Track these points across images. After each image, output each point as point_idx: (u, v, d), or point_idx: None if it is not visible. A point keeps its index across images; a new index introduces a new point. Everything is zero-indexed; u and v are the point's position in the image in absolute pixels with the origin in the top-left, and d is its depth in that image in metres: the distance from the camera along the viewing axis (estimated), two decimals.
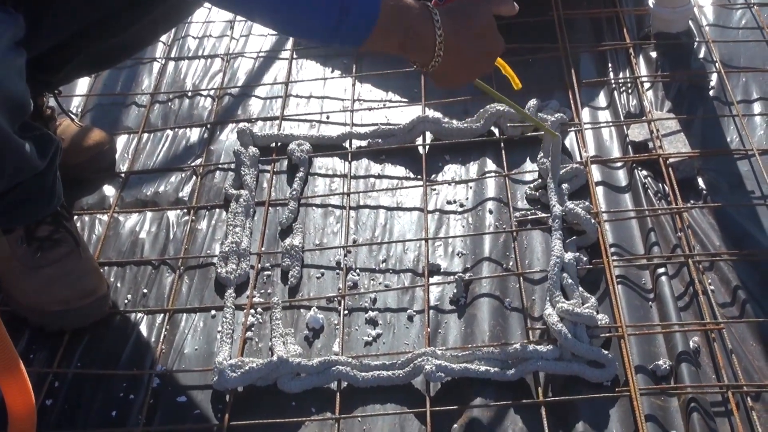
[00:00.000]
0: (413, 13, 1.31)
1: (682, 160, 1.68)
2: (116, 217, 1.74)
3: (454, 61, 1.36)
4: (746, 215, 1.60)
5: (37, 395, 1.39)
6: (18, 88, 1.28)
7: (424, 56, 1.34)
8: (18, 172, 1.36)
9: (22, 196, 1.42)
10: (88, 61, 1.61)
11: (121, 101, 2.06)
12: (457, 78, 1.43)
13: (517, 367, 1.37)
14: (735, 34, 2.04)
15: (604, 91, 1.93)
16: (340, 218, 1.70)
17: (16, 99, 1.28)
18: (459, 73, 1.42)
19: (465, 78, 1.46)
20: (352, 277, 1.58)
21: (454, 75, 1.41)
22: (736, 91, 1.87)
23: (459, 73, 1.41)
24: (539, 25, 2.06)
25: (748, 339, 1.41)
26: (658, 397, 1.33)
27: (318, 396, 1.39)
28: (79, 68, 1.65)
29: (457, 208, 1.69)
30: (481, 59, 1.42)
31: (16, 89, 1.27)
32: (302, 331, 1.50)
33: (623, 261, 1.54)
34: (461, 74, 1.43)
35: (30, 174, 1.39)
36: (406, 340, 1.47)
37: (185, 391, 1.42)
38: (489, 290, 1.53)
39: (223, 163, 1.84)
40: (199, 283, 1.60)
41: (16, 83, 1.27)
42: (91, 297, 1.51)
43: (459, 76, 1.43)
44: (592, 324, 1.39)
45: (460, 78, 1.44)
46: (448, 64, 1.36)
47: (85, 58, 1.57)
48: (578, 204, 1.59)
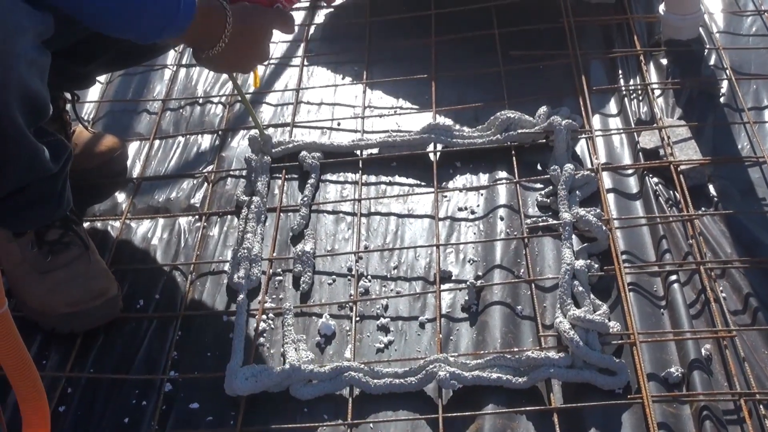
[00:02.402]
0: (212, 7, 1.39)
1: (693, 167, 1.69)
2: (128, 224, 1.75)
3: (231, 55, 1.46)
4: (758, 222, 1.60)
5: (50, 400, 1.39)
6: (38, 88, 1.28)
7: (208, 43, 1.43)
8: (29, 172, 1.37)
9: (32, 198, 1.43)
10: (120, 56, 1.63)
11: (132, 108, 2.07)
12: (225, 67, 1.57)
13: (529, 375, 1.37)
14: (745, 41, 2.04)
15: (614, 97, 1.93)
16: (351, 225, 1.70)
17: (35, 98, 1.28)
18: (228, 65, 1.54)
19: (231, 69, 1.60)
20: (364, 284, 1.58)
21: (224, 65, 1.53)
22: (747, 98, 1.87)
23: (229, 64, 1.54)
24: (550, 32, 2.07)
25: (760, 347, 1.41)
26: (670, 404, 1.33)
27: (330, 402, 1.39)
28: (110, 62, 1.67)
29: (468, 215, 1.70)
30: (250, 60, 1.55)
31: (35, 88, 1.28)
32: (314, 337, 1.50)
33: (635, 268, 1.54)
34: (230, 66, 1.56)
35: (41, 175, 1.39)
36: (418, 347, 1.47)
37: (198, 397, 1.42)
38: (500, 297, 1.53)
39: (234, 170, 1.85)
40: (210, 288, 1.61)
41: (36, 83, 1.28)
42: (101, 298, 1.51)
43: (226, 66, 1.56)
44: (604, 331, 1.39)
45: (227, 68, 1.58)
46: (223, 56, 1.45)
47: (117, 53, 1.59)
48: (589, 211, 1.59)
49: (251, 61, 1.56)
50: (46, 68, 1.30)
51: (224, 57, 1.45)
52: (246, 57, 1.52)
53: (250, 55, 1.52)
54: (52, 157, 1.40)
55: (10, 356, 1.04)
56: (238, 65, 1.56)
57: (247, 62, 1.55)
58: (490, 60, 2.03)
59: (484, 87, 1.98)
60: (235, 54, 1.47)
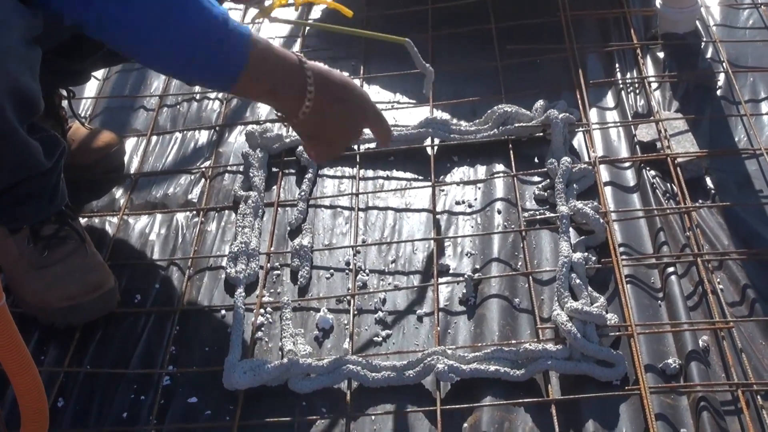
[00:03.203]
0: (285, 60, 1.31)
1: (690, 159, 1.69)
2: (126, 220, 1.75)
3: (322, 118, 1.35)
4: (755, 214, 1.60)
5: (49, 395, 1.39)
6: (28, 84, 1.28)
7: (292, 106, 1.33)
8: (22, 168, 1.36)
9: (26, 194, 1.43)
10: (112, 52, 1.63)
11: (129, 104, 2.07)
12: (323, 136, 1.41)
13: (527, 367, 1.37)
14: (742, 34, 2.05)
15: (611, 91, 1.93)
16: (349, 219, 1.70)
17: (26, 94, 1.28)
18: (327, 131, 1.40)
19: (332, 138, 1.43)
20: (362, 278, 1.58)
21: (323, 131, 1.40)
22: (744, 91, 1.87)
23: (327, 130, 1.40)
24: (547, 27, 2.07)
25: (757, 338, 1.41)
26: (667, 395, 1.33)
27: (328, 396, 1.39)
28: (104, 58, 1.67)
29: (465, 208, 1.70)
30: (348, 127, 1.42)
31: (26, 84, 1.27)
32: (312, 331, 1.50)
33: (632, 260, 1.55)
34: (329, 132, 1.41)
35: (34, 172, 1.39)
36: (416, 341, 1.47)
37: (196, 392, 1.43)
38: (498, 290, 1.53)
39: (231, 165, 1.85)
40: (208, 283, 1.61)
41: (26, 78, 1.27)
42: (98, 291, 1.51)
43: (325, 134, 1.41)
44: (602, 323, 1.39)
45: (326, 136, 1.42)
46: (316, 118, 1.35)
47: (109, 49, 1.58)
48: (587, 204, 1.59)
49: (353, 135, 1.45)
50: (36, 64, 1.29)
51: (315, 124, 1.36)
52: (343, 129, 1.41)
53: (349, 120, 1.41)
54: (45, 153, 1.40)
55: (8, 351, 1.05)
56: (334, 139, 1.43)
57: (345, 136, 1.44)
58: (487, 54, 2.03)
59: (482, 81, 1.98)
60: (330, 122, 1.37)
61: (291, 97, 1.33)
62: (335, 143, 1.45)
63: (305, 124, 1.36)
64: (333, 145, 1.45)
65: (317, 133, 1.40)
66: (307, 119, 1.34)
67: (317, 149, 1.45)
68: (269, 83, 1.30)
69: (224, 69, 1.25)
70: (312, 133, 1.41)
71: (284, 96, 1.33)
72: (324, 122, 1.37)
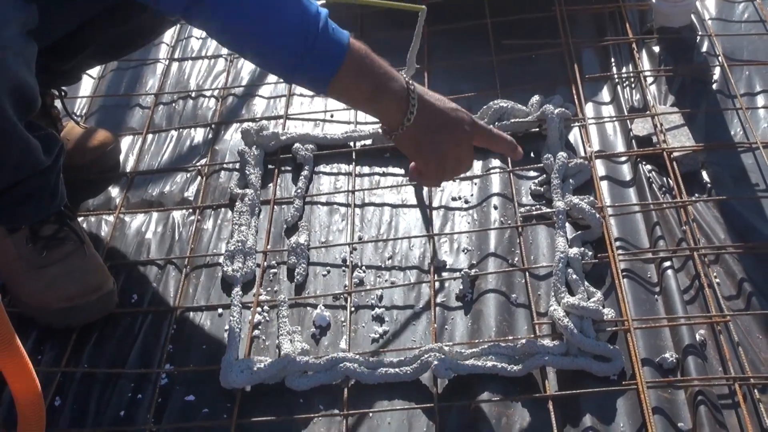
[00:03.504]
0: (387, 67, 1.31)
1: (686, 153, 1.69)
2: (122, 218, 1.75)
3: (427, 129, 1.33)
4: (751, 208, 1.60)
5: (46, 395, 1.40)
6: (27, 79, 1.28)
7: (395, 113, 1.32)
8: (22, 166, 1.37)
9: (26, 194, 1.43)
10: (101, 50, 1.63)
11: (125, 103, 2.07)
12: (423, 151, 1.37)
13: (524, 363, 1.37)
14: (738, 27, 2.04)
15: (607, 85, 1.93)
16: (345, 216, 1.70)
17: (24, 89, 1.28)
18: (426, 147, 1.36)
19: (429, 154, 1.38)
20: (358, 275, 1.58)
21: (420, 147, 1.37)
22: (740, 85, 1.87)
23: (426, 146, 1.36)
24: (542, 21, 2.06)
25: (754, 331, 1.41)
26: (665, 390, 1.33)
27: (326, 393, 1.39)
28: (92, 56, 1.67)
29: (462, 204, 1.70)
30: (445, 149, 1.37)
31: (24, 78, 1.27)
32: (309, 328, 1.50)
33: (629, 255, 1.55)
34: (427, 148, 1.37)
35: (34, 170, 1.40)
36: (413, 337, 1.47)
37: (193, 390, 1.43)
38: (495, 286, 1.53)
39: (227, 163, 1.85)
40: (205, 282, 1.61)
41: (24, 73, 1.27)
42: (97, 293, 1.51)
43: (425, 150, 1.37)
44: (598, 318, 1.39)
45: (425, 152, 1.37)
46: (419, 130, 1.33)
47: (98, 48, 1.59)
48: (583, 199, 1.59)
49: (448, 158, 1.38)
50: (33, 58, 1.30)
51: (415, 141, 1.35)
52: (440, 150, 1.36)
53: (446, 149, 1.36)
54: (44, 150, 1.40)
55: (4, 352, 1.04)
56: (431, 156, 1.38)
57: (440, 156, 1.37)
58: (482, 50, 2.03)
59: (477, 77, 1.98)
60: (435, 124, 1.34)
61: (394, 105, 1.31)
62: (442, 168, 1.40)
63: (406, 139, 1.35)
64: (441, 169, 1.40)
65: (416, 149, 1.37)
66: (406, 134, 1.33)
67: (426, 171, 1.41)
68: (370, 84, 1.29)
69: (323, 64, 1.26)
70: (411, 147, 1.38)
71: (386, 102, 1.31)
72: (423, 142, 1.35)
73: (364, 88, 1.30)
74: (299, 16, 1.23)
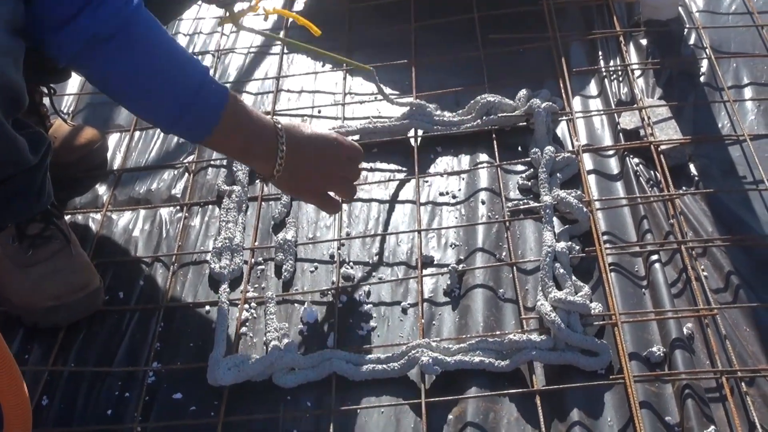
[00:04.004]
0: (258, 122, 1.39)
1: (673, 146, 1.69)
2: (109, 216, 1.75)
3: (297, 172, 1.42)
4: (738, 201, 1.60)
5: (33, 394, 1.40)
6: (13, 77, 1.27)
7: (266, 165, 1.40)
8: (8, 164, 1.36)
9: (12, 192, 1.43)
10: None
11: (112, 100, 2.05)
12: (302, 188, 1.49)
13: (512, 358, 1.37)
14: (725, 19, 2.04)
15: (594, 79, 1.93)
16: None
17: (11, 87, 1.27)
18: (303, 184, 1.47)
19: (310, 188, 1.50)
20: (346, 271, 1.58)
21: (298, 185, 1.47)
22: (727, 77, 1.87)
23: (303, 183, 1.47)
24: (530, 15, 2.06)
25: (741, 324, 1.41)
26: (652, 383, 1.33)
27: (313, 390, 1.39)
28: None
29: (449, 199, 1.69)
30: (323, 181, 1.48)
31: (11, 76, 1.27)
32: (296, 325, 1.50)
33: (616, 249, 1.54)
34: (306, 184, 1.48)
35: (21, 168, 1.39)
36: (401, 333, 1.47)
37: (181, 388, 1.42)
38: (482, 281, 1.53)
39: (215, 160, 1.84)
40: (193, 279, 1.60)
41: (11, 71, 1.27)
42: (83, 291, 1.51)
43: (303, 186, 1.48)
44: (586, 312, 1.39)
45: (305, 188, 1.49)
46: (291, 175, 1.42)
47: None
48: (570, 193, 1.59)
49: (335, 175, 1.49)
50: (20, 56, 1.29)
51: (296, 178, 1.43)
52: (323, 172, 1.47)
53: (327, 168, 1.47)
54: (31, 149, 1.40)
55: None
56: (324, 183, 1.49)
57: (332, 178, 1.49)
58: (470, 44, 2.03)
59: (465, 71, 1.97)
60: (309, 172, 1.45)
61: (264, 156, 1.40)
62: (315, 192, 1.50)
63: (281, 181, 1.43)
64: (313, 193, 1.51)
65: (295, 188, 1.49)
66: (282, 177, 1.41)
67: (301, 198, 1.59)
68: (241, 141, 1.38)
69: (198, 125, 1.33)
70: (290, 188, 1.51)
71: (257, 155, 1.40)
72: (299, 179, 1.45)
73: (237, 144, 1.39)
74: (183, 78, 1.31)
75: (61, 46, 1.27)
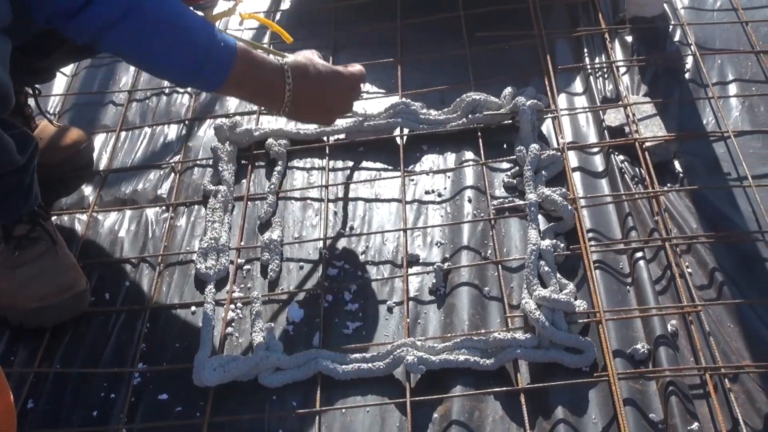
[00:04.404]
0: (266, 67, 1.45)
1: (658, 143, 1.69)
2: (95, 217, 1.74)
3: (302, 106, 1.51)
4: (723, 197, 1.61)
5: (19, 396, 1.40)
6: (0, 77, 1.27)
7: (273, 106, 1.50)
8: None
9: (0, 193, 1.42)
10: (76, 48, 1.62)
11: (98, 100, 2.06)
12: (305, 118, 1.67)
13: (497, 356, 1.38)
14: (710, 16, 2.05)
15: (580, 76, 1.93)
16: (318, 211, 1.70)
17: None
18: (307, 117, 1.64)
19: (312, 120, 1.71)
20: (332, 270, 1.58)
21: (302, 116, 1.61)
22: (712, 74, 1.87)
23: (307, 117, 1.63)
24: (515, 13, 2.06)
25: (725, 321, 1.42)
26: (636, 381, 1.33)
27: (299, 390, 1.40)
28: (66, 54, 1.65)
29: (435, 197, 1.70)
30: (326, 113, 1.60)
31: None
32: (282, 325, 1.50)
33: (601, 246, 1.55)
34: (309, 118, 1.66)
35: (8, 168, 1.39)
36: (386, 332, 1.47)
37: (166, 389, 1.42)
38: (468, 279, 1.53)
39: (201, 159, 1.84)
40: (179, 279, 1.60)
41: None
42: (70, 292, 1.51)
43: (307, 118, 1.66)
44: (570, 310, 1.40)
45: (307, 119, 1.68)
46: (297, 109, 1.51)
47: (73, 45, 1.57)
48: (555, 190, 1.59)
49: (332, 111, 1.60)
50: (6, 56, 1.29)
51: (299, 113, 1.54)
52: (323, 108, 1.57)
53: (328, 105, 1.57)
54: (18, 149, 1.40)
55: None
56: (319, 117, 1.62)
57: (328, 114, 1.61)
58: (456, 42, 2.03)
59: (451, 69, 1.97)
60: (312, 107, 1.54)
61: (273, 97, 1.48)
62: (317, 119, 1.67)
63: (288, 114, 1.52)
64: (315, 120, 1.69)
65: (299, 118, 1.65)
66: (289, 111, 1.50)
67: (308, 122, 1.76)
68: (251, 87, 1.46)
69: (211, 80, 1.40)
70: (296, 118, 1.67)
71: (266, 97, 1.49)
72: (304, 112, 1.54)
73: (248, 90, 1.48)
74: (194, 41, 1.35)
75: (74, 34, 1.30)
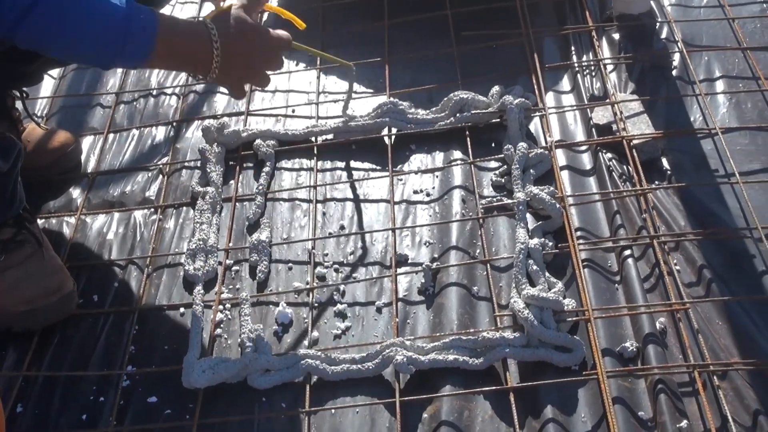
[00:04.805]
0: (191, 34, 1.38)
1: (645, 141, 1.69)
2: (83, 219, 1.74)
3: (230, 69, 1.42)
4: (710, 194, 1.61)
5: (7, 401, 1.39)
6: None
7: (203, 71, 1.41)
8: None
9: None
10: None
11: (86, 102, 2.05)
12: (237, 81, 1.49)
13: (486, 355, 1.38)
14: (697, 13, 2.05)
15: (567, 74, 1.93)
16: (307, 212, 1.70)
17: None
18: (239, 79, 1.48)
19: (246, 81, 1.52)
20: (321, 271, 1.58)
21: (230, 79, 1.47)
22: (699, 70, 1.87)
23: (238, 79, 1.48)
24: (502, 11, 2.06)
25: (713, 318, 1.42)
26: (625, 379, 1.34)
27: (288, 391, 1.40)
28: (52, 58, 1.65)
29: (423, 197, 1.69)
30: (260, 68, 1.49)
31: None
32: (271, 326, 1.50)
33: (589, 244, 1.55)
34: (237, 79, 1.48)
35: None
36: (375, 332, 1.47)
37: (155, 391, 1.42)
38: (456, 279, 1.53)
39: (189, 161, 1.84)
40: (167, 281, 1.60)
41: None
42: (57, 295, 1.51)
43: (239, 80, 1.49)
44: (558, 309, 1.40)
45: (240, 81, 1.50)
46: (225, 73, 1.42)
47: None
48: (543, 189, 1.59)
49: (262, 68, 1.50)
50: None
51: (230, 74, 1.44)
52: (254, 67, 1.48)
53: (258, 63, 1.48)
54: (1, 155, 1.39)
55: None
56: (250, 77, 1.51)
57: (258, 71, 1.50)
58: (443, 41, 2.03)
59: (438, 68, 1.97)
60: (241, 68, 1.45)
61: (201, 62, 1.39)
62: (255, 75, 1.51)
63: (218, 79, 1.43)
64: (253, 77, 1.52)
65: (227, 81, 1.47)
66: (219, 76, 1.42)
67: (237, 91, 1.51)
68: (178, 57, 1.39)
69: (135, 56, 1.33)
70: (223, 83, 1.51)
71: (194, 64, 1.41)
72: (231, 74, 1.44)
73: (174, 61, 1.41)
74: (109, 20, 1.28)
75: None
